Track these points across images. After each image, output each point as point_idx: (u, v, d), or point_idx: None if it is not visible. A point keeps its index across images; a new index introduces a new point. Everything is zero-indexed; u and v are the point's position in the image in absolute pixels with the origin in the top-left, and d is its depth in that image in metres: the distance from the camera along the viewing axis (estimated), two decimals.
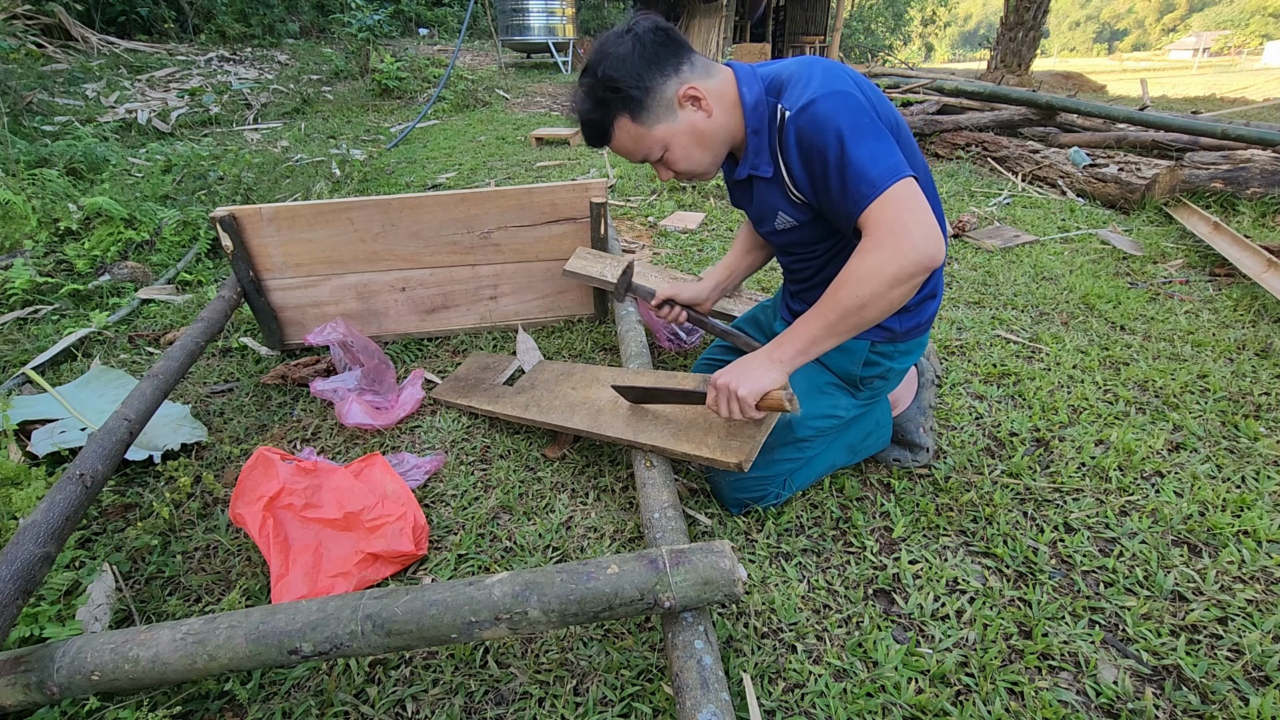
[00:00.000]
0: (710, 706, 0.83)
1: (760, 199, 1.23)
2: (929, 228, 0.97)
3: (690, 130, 1.13)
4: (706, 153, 1.17)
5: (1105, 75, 15.50)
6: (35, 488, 1.41)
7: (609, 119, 1.12)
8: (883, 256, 0.98)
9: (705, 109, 1.13)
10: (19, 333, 2.29)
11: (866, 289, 0.99)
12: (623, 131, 1.14)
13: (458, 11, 14.00)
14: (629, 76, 1.08)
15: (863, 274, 0.99)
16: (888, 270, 0.97)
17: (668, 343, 2.07)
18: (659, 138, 1.13)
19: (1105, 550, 1.31)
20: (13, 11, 7.03)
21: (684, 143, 1.14)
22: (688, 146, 1.15)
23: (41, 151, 3.88)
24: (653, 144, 1.14)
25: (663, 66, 1.10)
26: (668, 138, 1.14)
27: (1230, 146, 3.73)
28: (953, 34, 78.53)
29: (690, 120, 1.13)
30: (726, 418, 1.15)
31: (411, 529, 1.30)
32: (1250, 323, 2.20)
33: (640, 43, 1.08)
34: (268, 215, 1.94)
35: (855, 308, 1.01)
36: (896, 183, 0.98)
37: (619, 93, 1.09)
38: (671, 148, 1.15)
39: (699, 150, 1.16)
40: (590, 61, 1.12)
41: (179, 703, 1.03)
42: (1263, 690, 1.03)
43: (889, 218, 0.98)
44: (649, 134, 1.13)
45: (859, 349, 1.32)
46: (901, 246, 0.96)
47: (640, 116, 1.11)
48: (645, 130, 1.13)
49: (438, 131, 5.90)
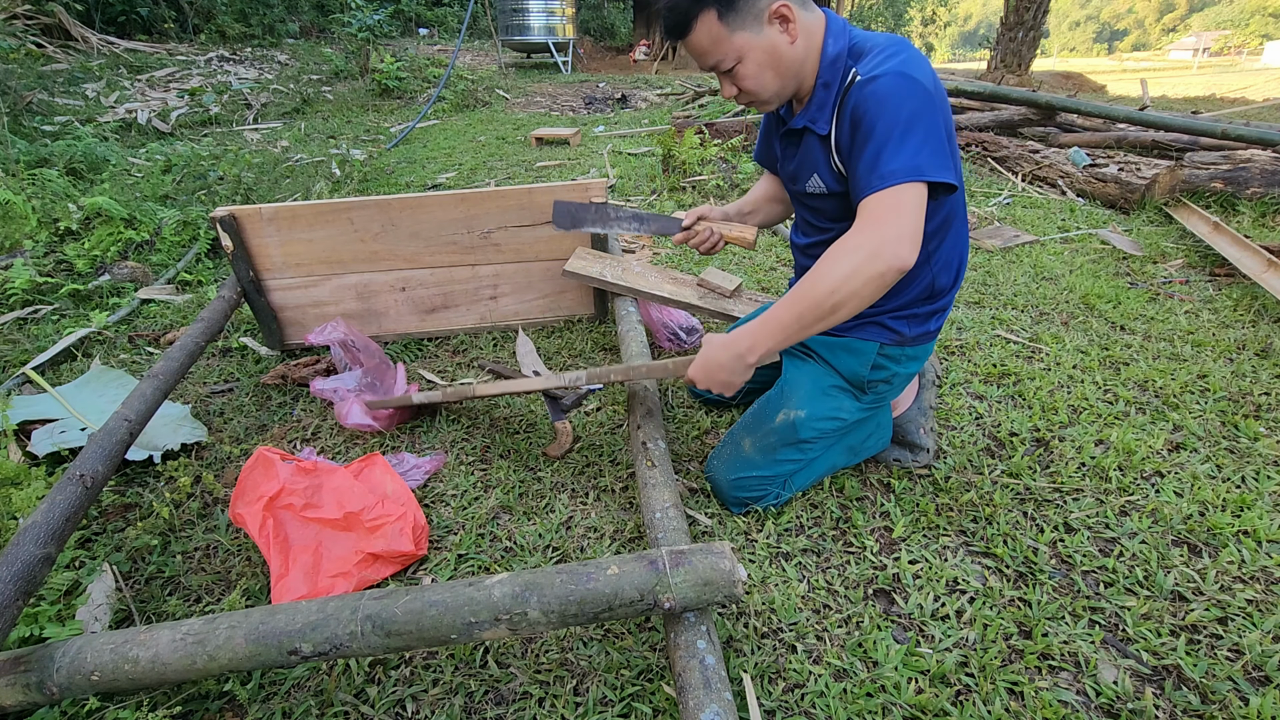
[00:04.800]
0: (713, 706, 0.83)
1: (803, 155, 1.22)
2: (905, 233, 0.99)
3: (770, 49, 1.11)
4: (777, 79, 1.14)
5: (1105, 75, 15.49)
6: (35, 488, 1.41)
7: (695, 10, 1.08)
8: (860, 258, 1.00)
9: (791, 33, 1.10)
10: (19, 333, 2.29)
11: (845, 287, 1.01)
12: (704, 27, 1.09)
13: (458, 11, 14.00)
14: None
15: (838, 271, 1.02)
16: (864, 269, 1.00)
17: (668, 343, 2.08)
18: (737, 45, 1.10)
19: (1105, 550, 1.31)
20: (13, 11, 7.03)
21: (759, 59, 1.11)
22: (762, 65, 1.12)
23: (41, 151, 3.88)
24: (729, 50, 1.11)
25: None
26: (745, 49, 1.10)
27: (1230, 146, 3.73)
28: (953, 34, 78.54)
29: (773, 39, 1.10)
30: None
31: (411, 529, 1.30)
32: (1250, 323, 2.20)
33: None
34: (268, 215, 1.94)
35: (829, 306, 1.03)
36: (908, 183, 0.99)
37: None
38: (746, 60, 1.11)
39: (771, 73, 1.13)
40: None
41: (179, 703, 1.03)
42: (1263, 690, 1.03)
43: (879, 213, 1.00)
44: (729, 38, 1.09)
45: (867, 351, 1.32)
46: (882, 249, 0.99)
47: (727, 16, 1.08)
48: (727, 33, 1.09)
49: (438, 131, 5.90)
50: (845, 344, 1.35)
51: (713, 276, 1.98)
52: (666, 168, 3.93)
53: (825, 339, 1.37)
